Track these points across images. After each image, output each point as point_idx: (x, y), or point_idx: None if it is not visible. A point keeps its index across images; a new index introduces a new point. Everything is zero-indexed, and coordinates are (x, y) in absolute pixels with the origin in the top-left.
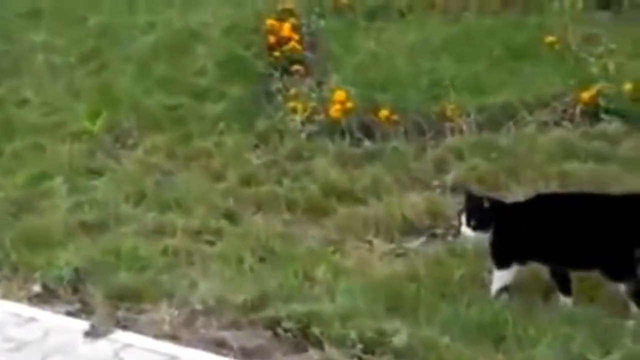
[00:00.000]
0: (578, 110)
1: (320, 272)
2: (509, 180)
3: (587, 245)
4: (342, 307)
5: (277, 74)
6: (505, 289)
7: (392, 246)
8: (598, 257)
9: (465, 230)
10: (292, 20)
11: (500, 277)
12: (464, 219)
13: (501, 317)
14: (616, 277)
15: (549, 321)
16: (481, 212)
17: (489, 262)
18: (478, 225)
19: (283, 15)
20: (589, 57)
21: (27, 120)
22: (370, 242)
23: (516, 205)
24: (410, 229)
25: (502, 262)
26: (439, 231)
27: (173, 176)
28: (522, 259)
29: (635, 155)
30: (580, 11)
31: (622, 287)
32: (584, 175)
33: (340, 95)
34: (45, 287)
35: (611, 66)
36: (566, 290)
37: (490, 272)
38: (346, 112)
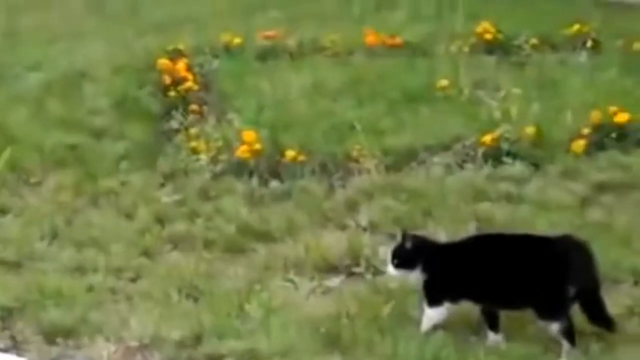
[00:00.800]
0: (480, 153)
1: (252, 309)
2: (425, 221)
3: (519, 284)
4: (279, 344)
5: (176, 114)
6: (434, 327)
7: (314, 284)
8: (530, 296)
9: (389, 268)
10: (185, 60)
11: (431, 315)
12: (389, 257)
13: (443, 353)
14: (548, 316)
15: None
16: (404, 252)
17: (419, 299)
18: (400, 264)
19: (173, 54)
20: (489, 100)
21: None
22: (292, 281)
23: (450, 246)
24: (329, 268)
25: (434, 301)
26: (358, 270)
27: (83, 214)
28: (454, 298)
29: (543, 196)
30: (468, 55)
31: (553, 326)
32: (498, 216)
33: (248, 135)
34: None
35: (513, 109)
36: (495, 327)
37: (420, 309)
38: (254, 152)
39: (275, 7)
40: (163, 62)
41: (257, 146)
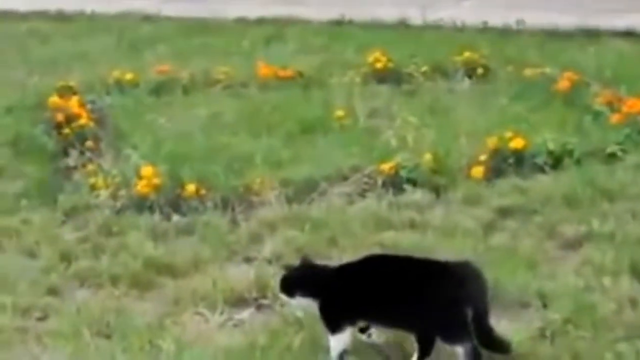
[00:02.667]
0: (380, 181)
1: (164, 344)
2: (330, 250)
3: (416, 306)
4: None
5: (72, 151)
6: (344, 352)
7: (224, 317)
8: (431, 319)
9: (281, 297)
10: (77, 97)
11: (336, 342)
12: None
13: None
14: (452, 340)
15: None
16: (291, 280)
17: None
18: (284, 291)
19: (64, 92)
20: (385, 129)
21: None
22: (202, 315)
23: (343, 268)
24: (238, 301)
25: (334, 327)
26: (266, 301)
27: None
28: (352, 321)
29: (447, 223)
30: (361, 85)
31: (459, 351)
32: (403, 244)
33: (147, 170)
34: None
35: (409, 137)
36: (425, 352)
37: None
38: (154, 187)
39: (163, 42)
40: (54, 99)
41: (156, 181)
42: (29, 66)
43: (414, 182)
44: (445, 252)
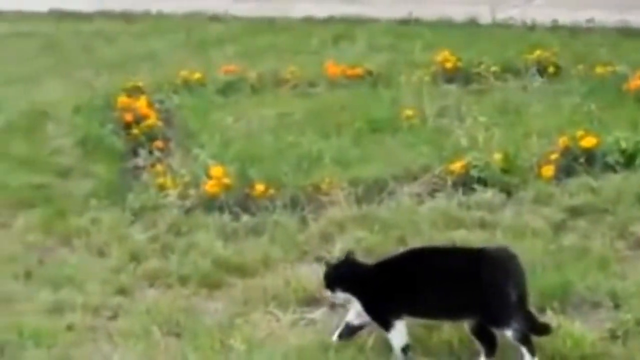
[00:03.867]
0: (449, 181)
1: (235, 343)
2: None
3: (459, 295)
4: None
5: (141, 151)
6: (407, 347)
7: (296, 317)
8: (475, 306)
9: (325, 291)
10: (145, 97)
11: (395, 337)
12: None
13: None
14: (499, 323)
15: None
16: (328, 275)
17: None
18: (326, 285)
19: (131, 91)
20: (455, 128)
21: None
22: (273, 314)
23: (382, 264)
24: (310, 300)
25: (385, 324)
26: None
27: (56, 253)
28: (398, 316)
29: (517, 222)
30: (429, 84)
31: (508, 334)
32: (473, 244)
33: (216, 170)
34: None
35: (479, 137)
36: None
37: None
38: (223, 187)
39: (230, 42)
40: (123, 99)
41: (226, 181)
42: (96, 66)
43: (484, 182)
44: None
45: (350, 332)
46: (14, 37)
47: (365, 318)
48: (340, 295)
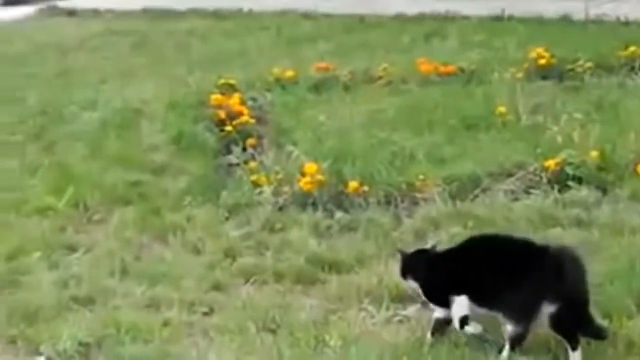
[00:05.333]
0: (545, 178)
1: (331, 339)
2: None
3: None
4: None
5: (235, 148)
6: (465, 318)
7: (390, 313)
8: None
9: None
10: (238, 94)
11: (454, 310)
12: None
13: None
14: (508, 316)
15: None
16: (401, 264)
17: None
18: (402, 274)
19: (224, 89)
20: (549, 125)
21: None
22: (367, 310)
23: (444, 250)
24: (404, 297)
25: (440, 302)
26: None
27: (151, 250)
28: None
29: (614, 220)
30: (523, 81)
31: (508, 328)
32: (569, 241)
33: (310, 167)
34: None
35: (574, 134)
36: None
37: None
38: (316, 184)
39: (322, 39)
40: (216, 97)
41: (319, 177)
42: (189, 64)
43: (579, 179)
44: (613, 250)
45: (440, 327)
46: (109, 35)
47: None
48: (412, 284)
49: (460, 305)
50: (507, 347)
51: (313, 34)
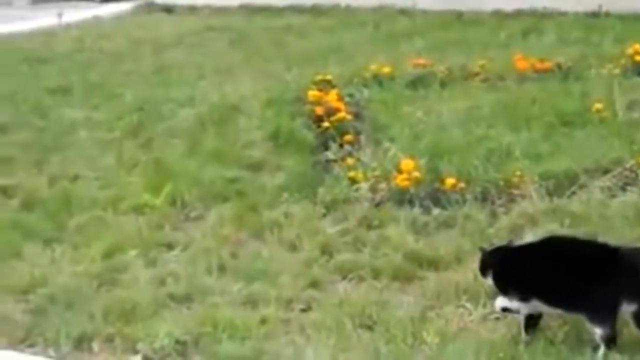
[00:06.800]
0: None
1: (428, 336)
2: None
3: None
4: None
5: (332, 144)
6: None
7: (485, 311)
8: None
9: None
10: (335, 90)
11: (499, 299)
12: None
13: None
14: (594, 320)
15: None
16: (480, 261)
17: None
18: (481, 271)
19: (322, 85)
20: None
21: (84, 195)
22: (464, 307)
23: (518, 248)
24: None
25: (503, 290)
26: None
27: (248, 247)
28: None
29: None
30: (620, 77)
31: (597, 332)
32: None
33: (407, 164)
34: (146, 358)
35: None
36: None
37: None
38: (413, 180)
39: (419, 35)
40: (314, 93)
41: (416, 174)
42: (286, 60)
43: None
44: None
45: (532, 323)
46: (206, 31)
47: (536, 306)
48: (489, 280)
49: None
50: (602, 348)
51: (410, 30)
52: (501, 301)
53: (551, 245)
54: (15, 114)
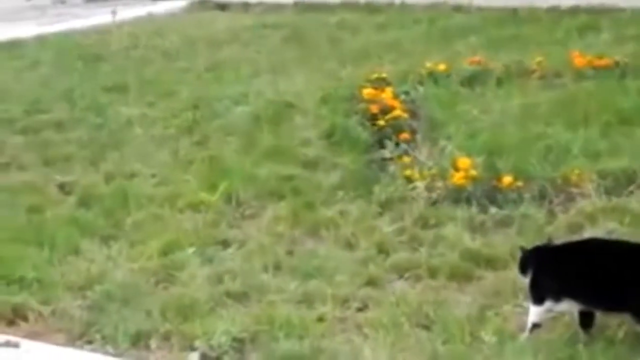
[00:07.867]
0: None
1: (486, 336)
2: None
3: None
4: None
5: (388, 143)
6: (536, 325)
7: None
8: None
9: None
10: (390, 88)
11: (533, 313)
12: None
13: None
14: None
15: None
16: (520, 260)
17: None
18: (520, 270)
19: (377, 83)
20: None
21: (140, 192)
22: (522, 307)
23: (556, 248)
24: None
25: (536, 299)
26: None
27: (304, 245)
28: (556, 298)
29: None
30: None
31: None
32: None
33: (463, 162)
34: (204, 356)
35: None
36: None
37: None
38: (470, 179)
39: (474, 32)
40: (369, 91)
41: (473, 172)
42: (341, 57)
43: None
44: None
45: (586, 322)
46: (260, 28)
47: (585, 302)
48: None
49: (539, 312)
50: None
51: (465, 27)
52: (533, 316)
53: (592, 245)
54: (72, 112)
